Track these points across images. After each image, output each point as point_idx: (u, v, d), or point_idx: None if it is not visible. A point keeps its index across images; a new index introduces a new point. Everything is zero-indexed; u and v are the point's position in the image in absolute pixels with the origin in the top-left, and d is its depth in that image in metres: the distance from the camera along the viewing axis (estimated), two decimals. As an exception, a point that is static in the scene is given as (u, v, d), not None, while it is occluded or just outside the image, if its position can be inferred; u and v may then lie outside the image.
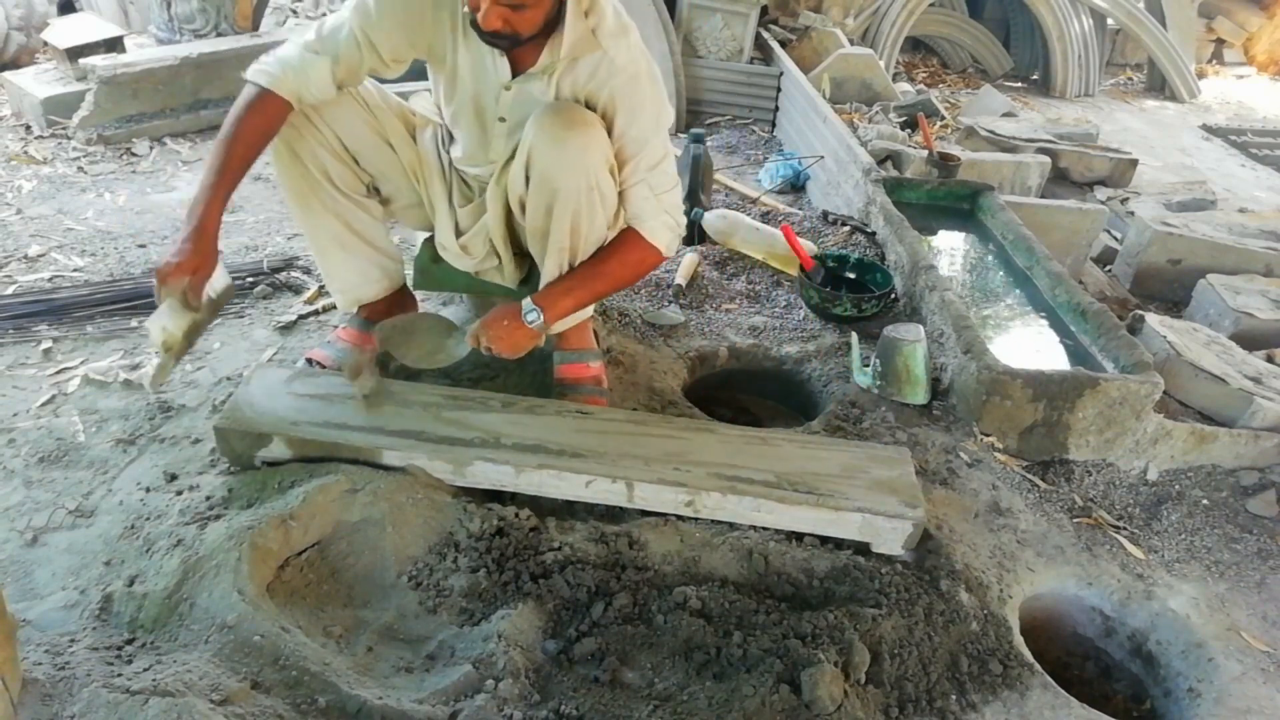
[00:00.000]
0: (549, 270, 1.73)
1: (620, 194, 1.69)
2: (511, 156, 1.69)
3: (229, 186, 1.57)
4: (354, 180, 1.78)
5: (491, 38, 1.51)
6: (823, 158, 3.26)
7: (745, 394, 2.26)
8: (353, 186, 1.78)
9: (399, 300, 1.98)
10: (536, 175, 1.61)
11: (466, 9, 1.52)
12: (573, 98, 1.63)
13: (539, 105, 1.61)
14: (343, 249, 1.83)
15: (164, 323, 1.52)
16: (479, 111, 1.70)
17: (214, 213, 1.54)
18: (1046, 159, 3.60)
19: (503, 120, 1.69)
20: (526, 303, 1.67)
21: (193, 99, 3.47)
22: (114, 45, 3.44)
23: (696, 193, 2.83)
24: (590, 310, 1.92)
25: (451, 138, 1.83)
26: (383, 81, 1.77)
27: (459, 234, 1.85)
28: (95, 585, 1.40)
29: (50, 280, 2.29)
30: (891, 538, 1.58)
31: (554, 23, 1.55)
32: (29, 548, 1.48)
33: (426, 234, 1.97)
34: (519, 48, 1.56)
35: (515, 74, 1.62)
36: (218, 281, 1.61)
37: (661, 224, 1.71)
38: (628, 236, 1.72)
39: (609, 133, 1.61)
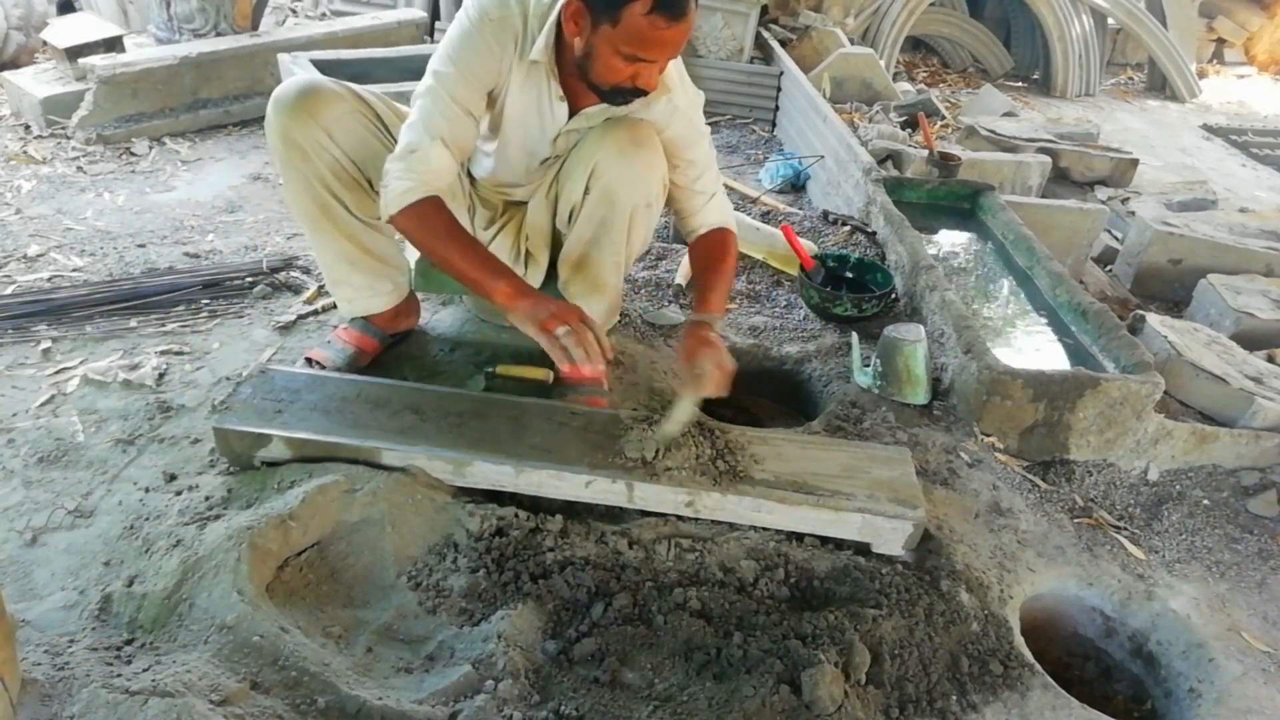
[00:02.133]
0: (606, 276, 1.77)
1: (698, 208, 1.77)
2: (558, 171, 1.71)
3: (499, 262, 1.59)
4: (367, 203, 1.76)
5: (629, 94, 1.51)
6: (823, 157, 3.26)
7: (745, 394, 2.26)
8: (365, 209, 1.76)
9: (404, 306, 1.98)
10: (600, 189, 1.63)
11: (596, 75, 1.50)
12: None
13: (600, 124, 1.63)
14: (353, 267, 1.82)
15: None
16: (529, 150, 1.70)
17: (525, 284, 1.58)
18: (1047, 159, 3.60)
19: (557, 157, 1.71)
20: (699, 316, 1.69)
21: (192, 99, 3.47)
22: (113, 45, 3.44)
23: (696, 192, 2.82)
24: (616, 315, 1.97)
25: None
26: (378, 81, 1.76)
27: None
28: (94, 585, 1.39)
29: (49, 280, 2.29)
30: (892, 538, 1.57)
31: None
32: (28, 548, 1.48)
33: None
34: (582, 91, 1.57)
35: (572, 113, 1.63)
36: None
37: (734, 223, 1.87)
38: (725, 237, 1.81)
39: (678, 159, 1.70)
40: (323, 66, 3.15)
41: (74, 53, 3.31)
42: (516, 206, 1.83)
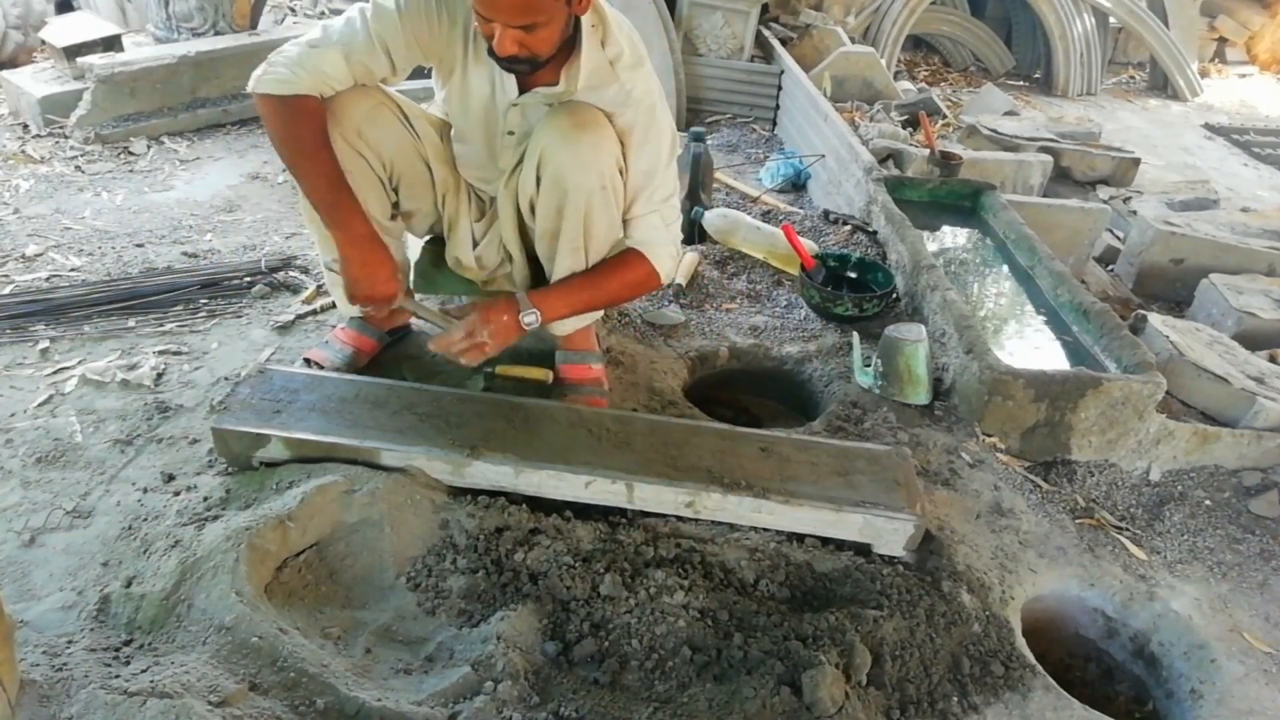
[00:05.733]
0: (560, 271, 1.72)
1: (628, 221, 1.70)
2: (520, 160, 1.69)
3: (351, 199, 1.59)
4: (385, 205, 1.75)
5: (510, 63, 1.48)
6: (824, 156, 3.25)
7: (745, 394, 2.25)
8: (382, 212, 1.75)
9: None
10: (549, 176, 1.60)
11: (481, 33, 1.49)
12: None
13: (547, 111, 1.61)
14: None
15: None
16: (487, 126, 1.69)
17: (362, 234, 1.59)
18: (1048, 158, 3.59)
19: (511, 134, 1.69)
20: (523, 299, 1.64)
21: (190, 98, 3.46)
22: (112, 44, 3.43)
23: (697, 191, 2.81)
24: (600, 314, 1.93)
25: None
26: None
27: (474, 247, 1.83)
28: (93, 586, 1.39)
29: (47, 280, 2.28)
30: (893, 539, 1.57)
31: (570, 43, 1.53)
32: (26, 548, 1.47)
33: (425, 238, 1.96)
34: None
35: (523, 90, 1.61)
36: None
37: (668, 253, 1.74)
38: (632, 257, 1.72)
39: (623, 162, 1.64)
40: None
41: (72, 52, 3.31)
42: None
